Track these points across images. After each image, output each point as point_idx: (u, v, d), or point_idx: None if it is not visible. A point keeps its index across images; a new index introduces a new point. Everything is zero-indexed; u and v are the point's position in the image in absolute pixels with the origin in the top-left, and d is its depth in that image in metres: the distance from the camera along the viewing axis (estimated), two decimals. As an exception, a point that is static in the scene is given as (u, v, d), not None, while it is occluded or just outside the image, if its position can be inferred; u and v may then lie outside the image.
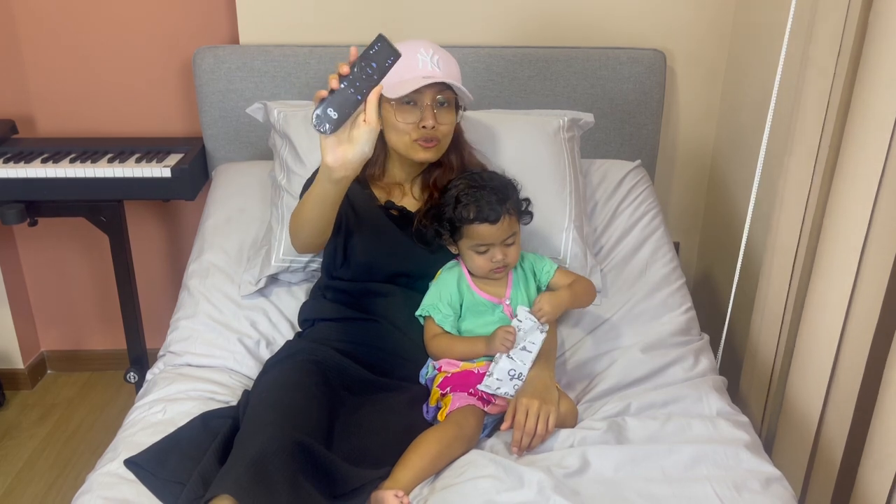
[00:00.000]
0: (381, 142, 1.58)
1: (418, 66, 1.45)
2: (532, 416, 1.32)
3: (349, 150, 1.24)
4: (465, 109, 1.57)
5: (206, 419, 1.37)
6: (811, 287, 1.45)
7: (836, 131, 1.43)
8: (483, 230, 1.44)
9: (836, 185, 1.37)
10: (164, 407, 1.41)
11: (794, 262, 1.58)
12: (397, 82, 1.44)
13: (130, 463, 1.27)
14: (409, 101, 1.46)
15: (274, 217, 1.78)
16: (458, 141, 1.61)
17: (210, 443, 1.29)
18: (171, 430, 1.34)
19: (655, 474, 1.22)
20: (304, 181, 1.72)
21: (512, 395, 1.38)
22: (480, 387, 1.39)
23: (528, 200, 1.54)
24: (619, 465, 1.24)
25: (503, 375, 1.39)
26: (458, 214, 1.45)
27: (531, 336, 1.42)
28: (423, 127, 1.46)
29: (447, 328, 1.52)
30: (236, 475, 1.10)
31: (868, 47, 1.29)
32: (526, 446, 1.32)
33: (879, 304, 1.31)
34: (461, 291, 1.52)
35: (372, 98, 1.21)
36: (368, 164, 1.60)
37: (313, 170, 1.71)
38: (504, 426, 1.35)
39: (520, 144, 1.80)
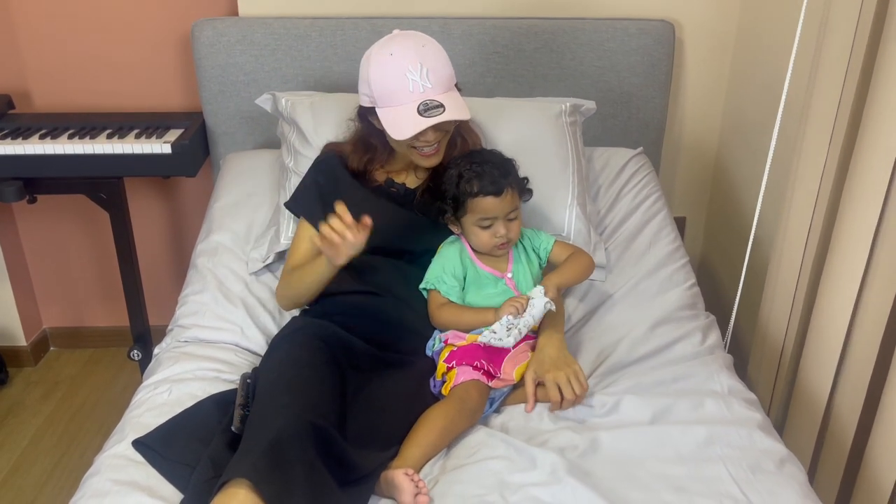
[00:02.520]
0: (383, 138, 1.57)
1: (409, 88, 1.42)
2: (565, 387, 1.34)
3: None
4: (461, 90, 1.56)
5: (213, 400, 1.36)
6: (826, 266, 1.43)
7: (854, 107, 1.39)
8: (487, 203, 1.46)
9: (853, 167, 1.35)
10: (169, 387, 1.40)
11: (806, 243, 1.56)
12: (393, 120, 1.44)
13: (138, 444, 1.26)
14: None
15: (282, 198, 1.78)
16: (463, 124, 1.62)
17: (217, 424, 1.28)
18: (178, 410, 1.33)
19: (669, 454, 1.22)
20: (309, 162, 1.73)
21: (510, 346, 1.41)
22: (480, 339, 1.41)
23: (526, 179, 1.56)
24: (632, 445, 1.24)
25: (501, 332, 1.41)
26: (461, 189, 1.47)
27: (534, 310, 1.43)
28: (428, 142, 1.49)
29: (453, 299, 1.53)
30: (253, 459, 1.09)
31: (889, 16, 1.26)
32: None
33: (895, 286, 1.30)
34: (464, 265, 1.53)
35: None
36: (373, 159, 1.62)
37: (318, 149, 1.74)
38: (528, 408, 1.37)
39: (522, 127, 1.81)
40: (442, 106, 1.43)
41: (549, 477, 1.14)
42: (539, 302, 1.42)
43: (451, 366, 1.42)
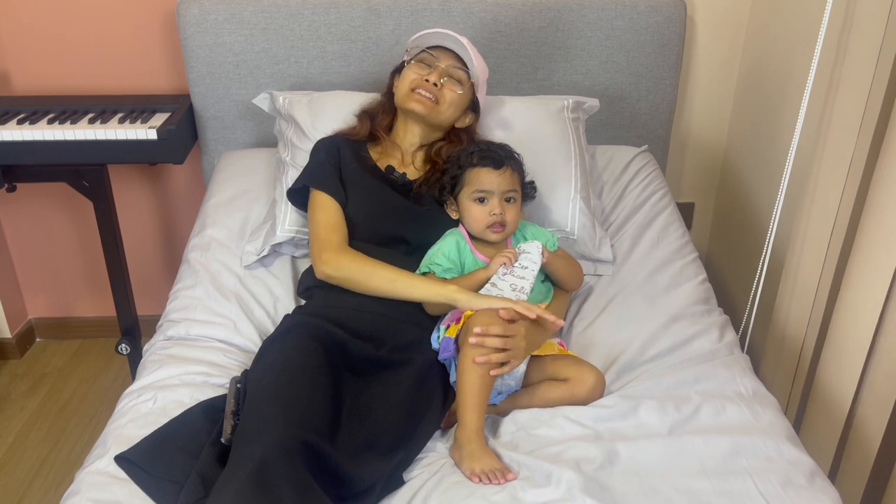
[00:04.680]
0: (391, 99, 1.67)
1: (441, 36, 1.60)
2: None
3: None
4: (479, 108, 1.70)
5: (202, 409, 1.28)
6: (851, 264, 1.36)
7: (888, 94, 1.31)
8: (485, 175, 1.47)
9: (881, 160, 1.27)
10: (154, 395, 1.32)
11: (830, 240, 1.49)
12: (421, 38, 1.61)
13: (121, 459, 1.18)
14: (428, 62, 1.60)
15: (278, 192, 1.75)
16: (471, 128, 1.69)
17: (207, 435, 1.21)
18: (164, 420, 1.25)
19: (692, 467, 1.15)
20: (306, 155, 1.71)
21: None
22: (481, 291, 1.39)
23: (532, 181, 1.61)
24: (652, 457, 1.17)
25: (504, 287, 1.39)
26: (462, 162, 1.51)
27: (532, 256, 1.42)
28: (427, 80, 1.57)
29: None
30: (237, 485, 1.01)
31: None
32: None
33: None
34: (461, 252, 1.50)
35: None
36: (375, 117, 1.70)
37: (314, 141, 1.72)
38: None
39: (524, 121, 1.81)
40: (465, 70, 1.60)
41: (565, 494, 1.07)
42: (534, 249, 1.42)
43: (449, 325, 1.38)
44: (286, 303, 1.63)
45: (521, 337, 1.32)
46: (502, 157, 1.49)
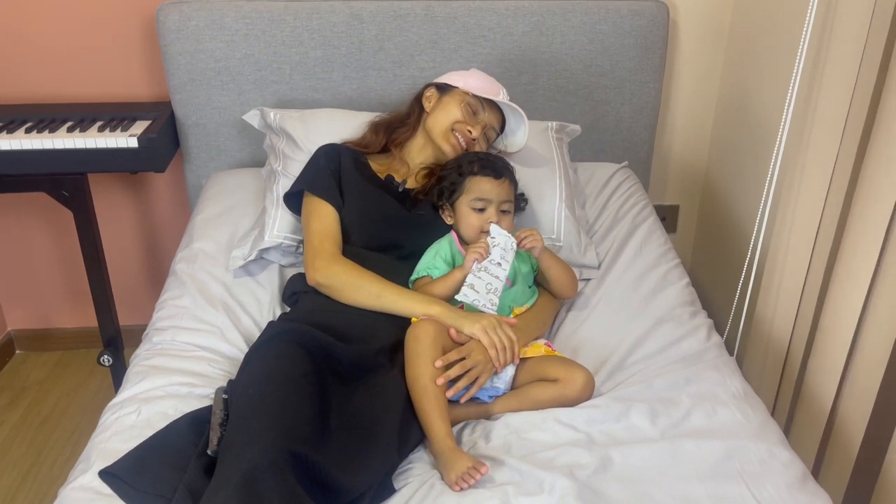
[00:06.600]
0: (419, 118, 1.70)
1: (500, 94, 1.67)
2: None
3: None
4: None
5: (187, 420, 1.25)
6: (835, 271, 1.37)
7: (874, 99, 1.32)
8: (485, 184, 1.51)
9: (865, 165, 1.28)
10: (138, 407, 1.29)
11: (813, 246, 1.50)
12: (484, 87, 1.65)
13: (106, 474, 1.15)
14: (475, 110, 1.64)
15: (269, 199, 1.76)
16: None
17: (193, 448, 1.18)
18: (149, 433, 1.23)
19: (686, 472, 1.15)
20: (299, 165, 1.71)
21: (490, 310, 1.40)
22: (458, 296, 1.41)
23: (522, 194, 1.67)
24: (645, 462, 1.17)
25: (480, 288, 1.41)
26: (462, 170, 1.54)
27: (505, 253, 1.44)
28: (470, 132, 1.62)
29: None
30: (225, 497, 1.00)
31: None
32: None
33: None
34: (454, 255, 1.53)
35: None
36: (393, 131, 1.71)
37: (307, 152, 1.74)
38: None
39: None
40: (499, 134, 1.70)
41: (559, 501, 1.06)
42: (501, 237, 1.44)
43: None
44: (273, 311, 1.62)
45: (479, 350, 1.35)
46: (501, 168, 1.54)
